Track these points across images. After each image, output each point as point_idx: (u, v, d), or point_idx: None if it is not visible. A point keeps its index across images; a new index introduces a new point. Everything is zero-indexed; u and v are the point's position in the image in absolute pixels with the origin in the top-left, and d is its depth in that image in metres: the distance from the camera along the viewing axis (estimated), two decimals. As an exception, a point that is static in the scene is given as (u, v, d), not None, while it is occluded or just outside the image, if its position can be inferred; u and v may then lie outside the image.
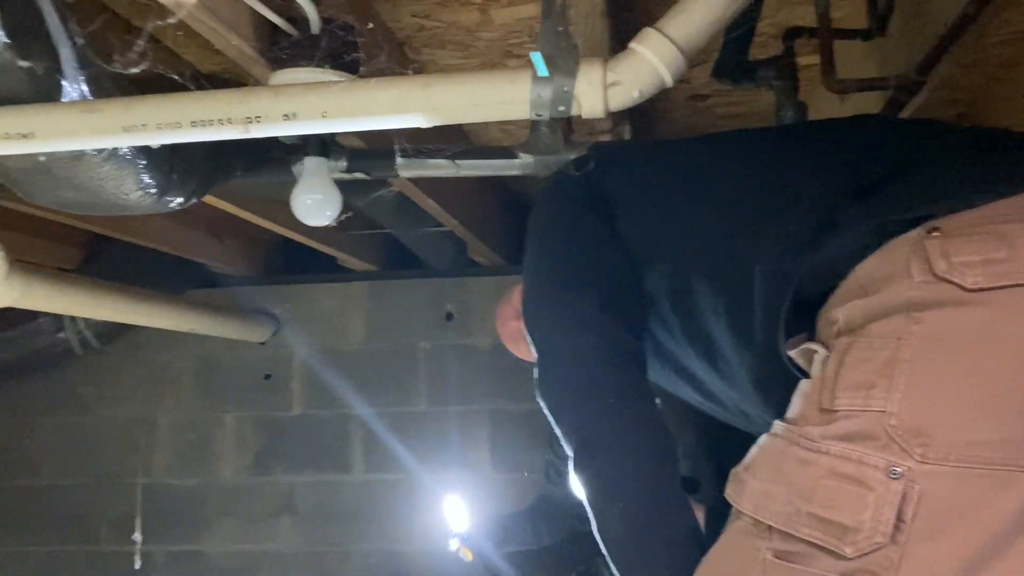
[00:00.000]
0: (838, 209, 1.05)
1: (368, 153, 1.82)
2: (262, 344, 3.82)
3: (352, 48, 1.50)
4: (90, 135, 1.25)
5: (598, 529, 1.24)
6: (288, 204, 1.78)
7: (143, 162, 1.49)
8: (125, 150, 1.43)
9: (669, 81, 1.23)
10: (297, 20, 1.49)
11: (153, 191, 1.57)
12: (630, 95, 1.23)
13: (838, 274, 1.04)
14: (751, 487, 1.02)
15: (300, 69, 1.45)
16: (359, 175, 1.79)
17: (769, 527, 0.97)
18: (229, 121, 1.23)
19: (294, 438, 3.78)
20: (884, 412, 0.91)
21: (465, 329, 3.73)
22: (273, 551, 3.73)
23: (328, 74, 1.46)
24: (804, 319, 1.08)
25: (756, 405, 1.21)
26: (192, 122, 1.23)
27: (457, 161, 1.78)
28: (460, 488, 3.61)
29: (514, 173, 1.96)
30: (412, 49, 2.02)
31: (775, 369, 1.07)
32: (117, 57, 1.39)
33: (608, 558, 1.23)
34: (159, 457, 3.85)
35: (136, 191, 1.53)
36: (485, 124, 2.58)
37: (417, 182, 2.40)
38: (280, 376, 3.82)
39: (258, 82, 1.58)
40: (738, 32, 1.83)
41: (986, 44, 2.10)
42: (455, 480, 3.63)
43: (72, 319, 3.52)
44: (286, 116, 1.22)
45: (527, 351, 1.42)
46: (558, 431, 1.29)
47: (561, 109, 1.23)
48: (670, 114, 2.63)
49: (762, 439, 1.06)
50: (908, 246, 0.97)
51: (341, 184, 1.83)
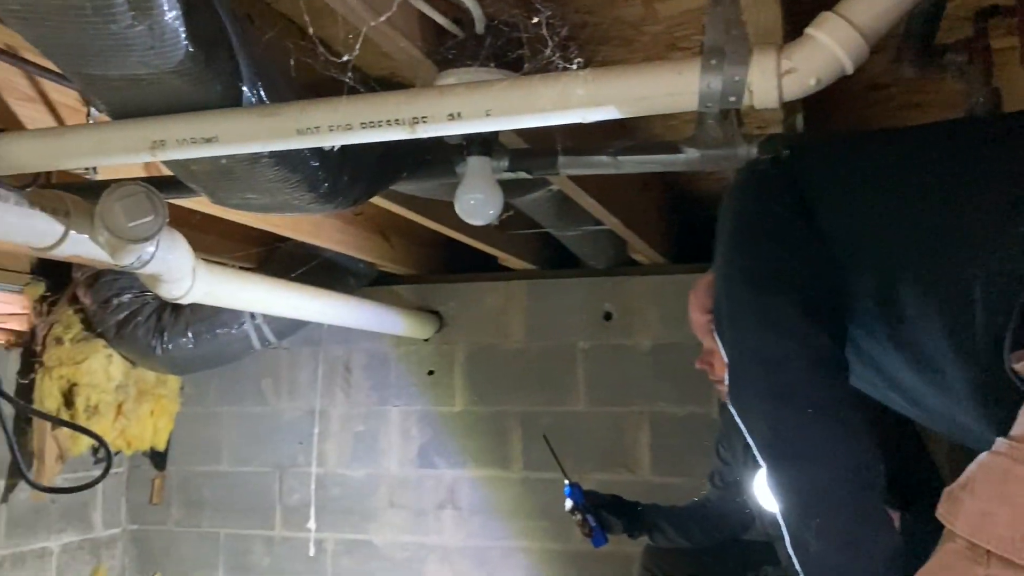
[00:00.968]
0: None
1: (530, 152, 1.82)
2: (426, 341, 3.92)
3: (516, 46, 1.50)
4: (267, 138, 1.30)
5: (791, 543, 1.18)
6: (451, 204, 1.80)
7: (316, 164, 1.54)
8: (300, 152, 1.49)
9: (849, 68, 1.15)
10: (462, 20, 1.51)
11: (325, 192, 1.63)
12: (806, 83, 1.16)
13: None
14: (968, 507, 0.93)
15: (465, 69, 1.47)
16: (521, 174, 1.79)
17: (988, 552, 0.88)
18: (397, 122, 1.25)
19: (456, 433, 3.86)
20: None
21: (624, 329, 3.69)
22: (438, 544, 3.82)
23: (493, 73, 1.46)
24: None
25: (974, 418, 1.11)
26: (362, 123, 1.26)
27: (619, 158, 1.75)
28: (617, 491, 3.58)
29: (678, 169, 1.91)
30: (576, 45, 2.01)
31: (998, 383, 0.98)
32: (291, 63, 1.45)
33: (803, 573, 1.17)
34: (331, 448, 4.02)
35: (309, 192, 1.59)
36: (648, 119, 2.53)
37: (577, 180, 2.38)
38: (443, 372, 3.90)
39: (424, 84, 1.60)
40: (924, 14, 1.70)
41: None
42: (611, 483, 3.59)
43: (252, 315, 3.73)
44: (451, 116, 1.23)
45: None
46: (750, 440, 1.24)
47: (732, 100, 1.18)
48: (844, 104, 2.50)
49: (982, 457, 0.96)
50: None
51: (502, 183, 1.84)
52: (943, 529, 0.96)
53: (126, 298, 3.71)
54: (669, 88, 1.17)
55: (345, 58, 1.31)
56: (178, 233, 2.10)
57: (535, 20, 1.43)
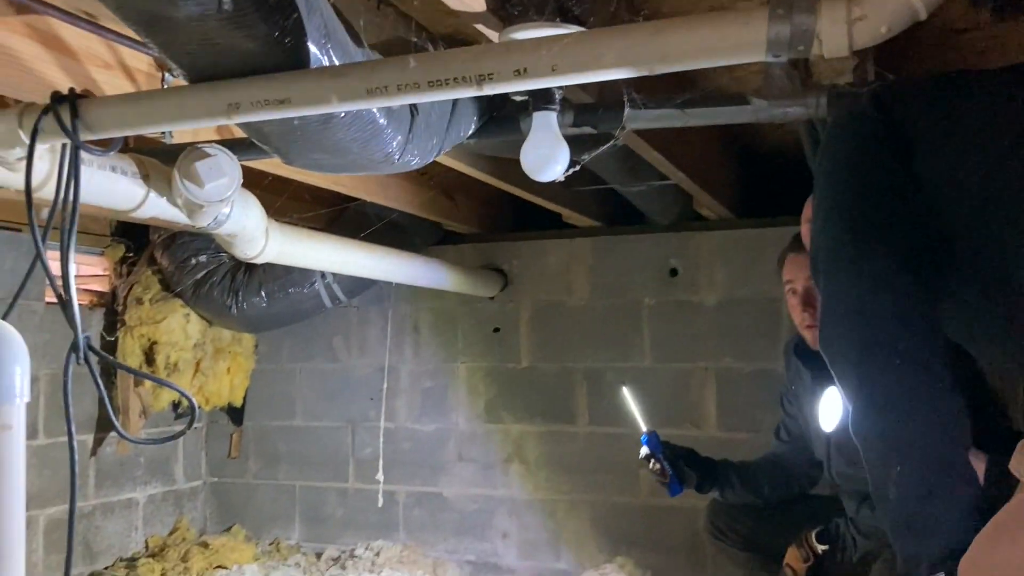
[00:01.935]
0: None
1: (595, 106, 1.82)
2: (491, 299, 3.96)
3: (581, 0, 1.49)
4: (338, 99, 1.33)
5: (873, 489, 1.19)
6: (516, 161, 1.82)
7: (384, 123, 1.57)
8: (369, 112, 1.52)
9: (923, 14, 1.13)
10: (527, -25, 1.50)
11: (394, 151, 1.66)
12: (878, 30, 1.14)
13: None
14: None
15: (530, 24, 1.47)
16: (586, 129, 1.79)
17: None
18: (464, 80, 1.26)
19: (521, 389, 3.90)
20: None
21: (691, 285, 3.67)
22: (506, 496, 3.89)
23: (558, 27, 1.46)
24: None
25: None
26: (429, 82, 1.27)
27: (686, 111, 1.74)
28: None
29: (746, 121, 1.89)
30: (640, -3, 1.99)
31: None
32: (360, 24, 1.47)
33: (886, 520, 1.18)
34: (400, 404, 4.11)
35: (379, 151, 1.62)
36: (714, 70, 2.49)
37: (642, 134, 2.37)
38: (508, 329, 3.94)
39: (490, 41, 1.61)
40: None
41: None
42: (677, 439, 3.60)
43: (322, 275, 3.81)
44: (517, 72, 1.24)
45: None
46: (838, 386, 1.25)
47: (800, 49, 1.16)
48: (918, 52, 2.42)
49: None
50: None
51: (567, 138, 1.84)
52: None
53: (202, 259, 3.82)
54: (736, 38, 1.16)
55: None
56: (251, 194, 2.16)
57: (600, -27, 1.43)
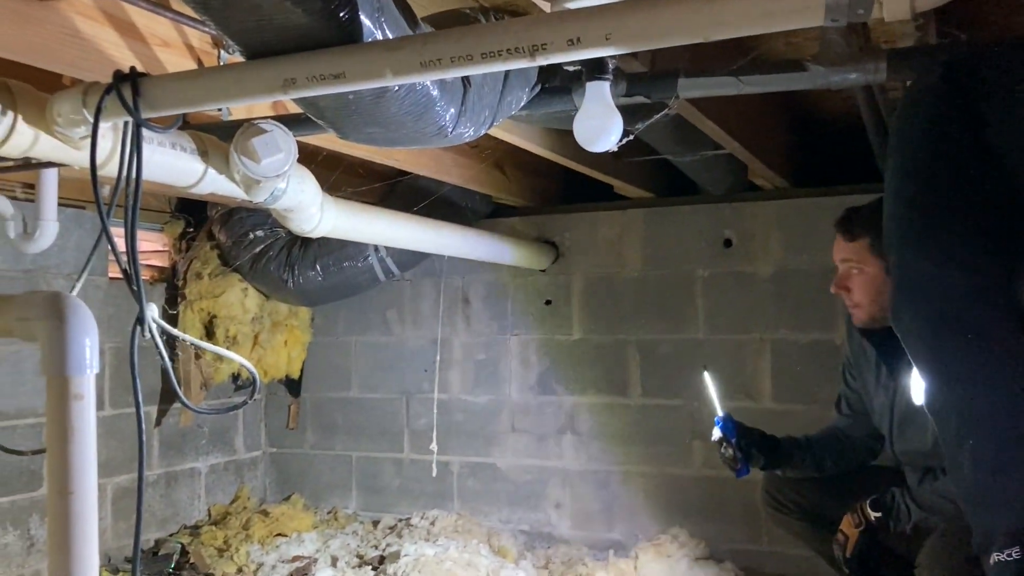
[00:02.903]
0: None
1: (649, 75, 1.80)
2: (543, 271, 3.97)
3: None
4: (392, 72, 1.34)
5: (948, 463, 1.18)
6: (568, 132, 1.81)
7: (437, 95, 1.58)
8: (423, 85, 1.52)
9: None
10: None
11: (447, 124, 1.66)
12: (941, -9, 1.11)
13: None
14: None
15: (582, -7, 1.45)
16: (639, 98, 1.77)
17: None
18: (517, 51, 1.26)
19: (574, 361, 3.91)
20: None
21: (745, 256, 3.63)
22: (559, 467, 3.92)
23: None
24: None
25: None
26: (482, 54, 1.27)
27: (741, 78, 1.71)
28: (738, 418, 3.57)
29: (802, 87, 1.86)
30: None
31: None
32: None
33: (959, 493, 1.17)
34: (453, 375, 4.15)
35: (432, 124, 1.63)
36: (769, 36, 2.45)
37: (696, 103, 2.34)
38: (560, 302, 3.95)
39: (542, 11, 1.60)
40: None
41: None
42: (732, 411, 3.59)
43: (376, 248, 3.85)
44: (571, 42, 1.23)
45: None
46: (912, 360, 1.24)
47: (860, 13, 1.14)
48: (983, 15, 2.35)
49: None
50: None
51: (620, 108, 1.83)
52: None
53: (258, 234, 3.89)
54: (793, 3, 1.14)
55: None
56: (306, 169, 2.19)
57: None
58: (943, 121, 1.29)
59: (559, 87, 1.92)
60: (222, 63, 2.14)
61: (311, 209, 2.31)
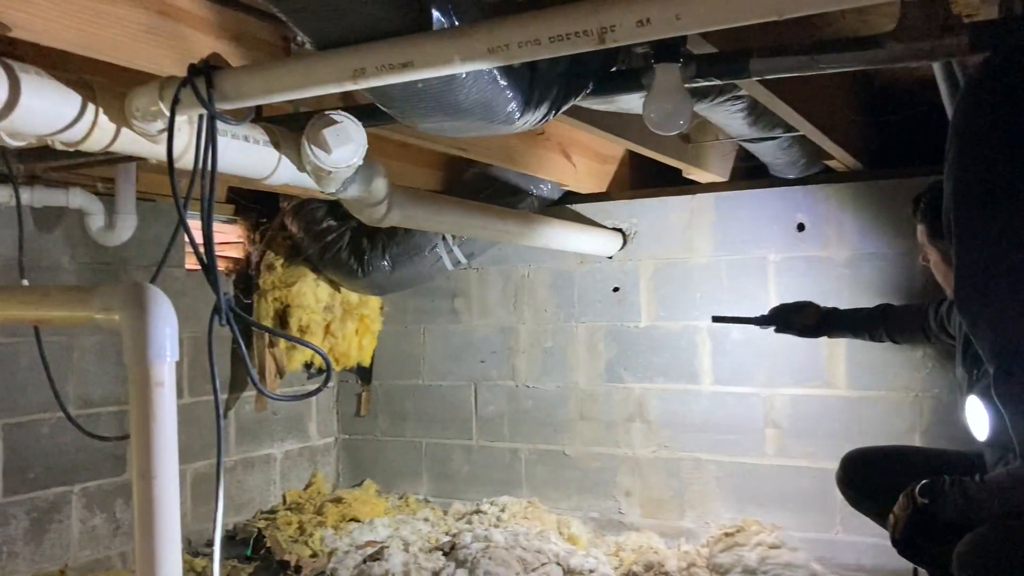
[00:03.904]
0: None
1: (719, 56, 1.76)
2: (610, 258, 3.94)
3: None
4: (460, 59, 1.34)
5: (1020, 451, 1.15)
6: (634, 117, 1.79)
7: (505, 82, 1.57)
8: (490, 71, 1.52)
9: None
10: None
11: (514, 111, 1.66)
12: (1031, -42, 1.06)
13: None
14: None
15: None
16: (710, 80, 1.74)
17: None
18: (585, 34, 1.24)
19: (642, 348, 3.88)
20: None
21: (819, 240, 3.55)
22: (629, 455, 3.90)
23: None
24: None
25: None
26: (550, 38, 1.26)
27: (816, 57, 1.67)
28: (811, 406, 3.51)
29: (879, 65, 1.80)
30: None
31: None
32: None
33: None
34: (521, 363, 4.16)
35: (499, 111, 1.62)
36: (841, 14, 2.38)
37: (768, 84, 2.28)
38: (628, 288, 3.92)
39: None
40: None
41: None
42: (807, 398, 3.52)
43: (443, 238, 3.87)
44: (640, 23, 1.21)
45: None
46: (977, 346, 1.21)
47: (943, -17, 1.10)
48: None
49: None
50: None
51: (689, 90, 1.80)
52: None
53: (328, 224, 3.95)
54: (873, -24, 1.11)
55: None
56: (375, 160, 2.20)
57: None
58: (1010, 106, 1.24)
59: (626, 71, 1.89)
60: (292, 56, 2.17)
61: (381, 199, 2.34)
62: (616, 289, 3.95)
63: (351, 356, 4.31)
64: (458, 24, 1.42)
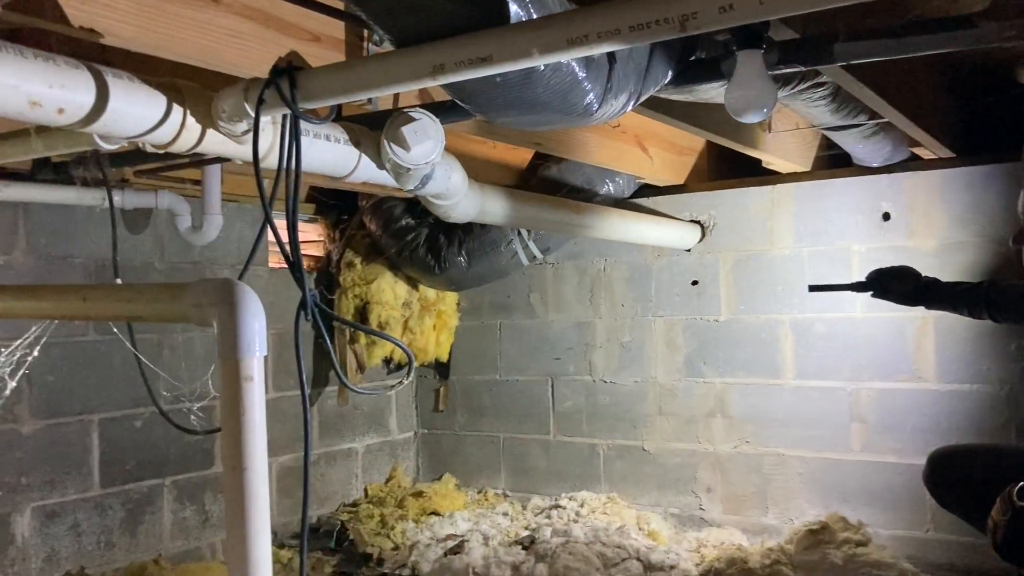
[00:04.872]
0: None
1: (803, 42, 1.72)
2: (688, 251, 3.89)
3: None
4: (539, 52, 1.33)
5: None
6: (711, 107, 1.76)
7: (583, 74, 1.56)
8: (568, 63, 1.51)
9: None
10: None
11: (593, 102, 1.64)
12: None
13: None
14: None
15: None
16: (794, 67, 1.70)
17: None
18: (666, 21, 1.22)
19: (723, 342, 3.82)
20: None
21: (905, 229, 3.44)
22: (709, 451, 3.85)
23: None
24: None
25: None
26: (630, 27, 1.24)
27: (904, 39, 1.61)
28: (899, 400, 3.41)
29: (971, 47, 1.73)
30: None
31: None
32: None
33: None
34: (598, 358, 4.14)
35: (578, 104, 1.61)
36: (930, -5, 2.30)
37: (851, 69, 2.22)
38: (707, 282, 3.86)
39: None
40: None
41: None
42: (894, 392, 3.42)
43: (518, 232, 3.88)
44: (722, 9, 1.19)
45: None
46: None
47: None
48: None
49: None
50: None
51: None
52: None
53: (406, 222, 4.00)
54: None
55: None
56: (453, 156, 2.22)
57: None
58: None
59: (706, 59, 1.86)
60: (369, 55, 2.19)
61: (458, 195, 2.35)
62: (695, 282, 3.90)
63: (429, 352, 4.35)
64: (535, 16, 1.42)
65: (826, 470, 3.57)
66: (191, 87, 1.65)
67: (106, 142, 1.89)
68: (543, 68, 1.48)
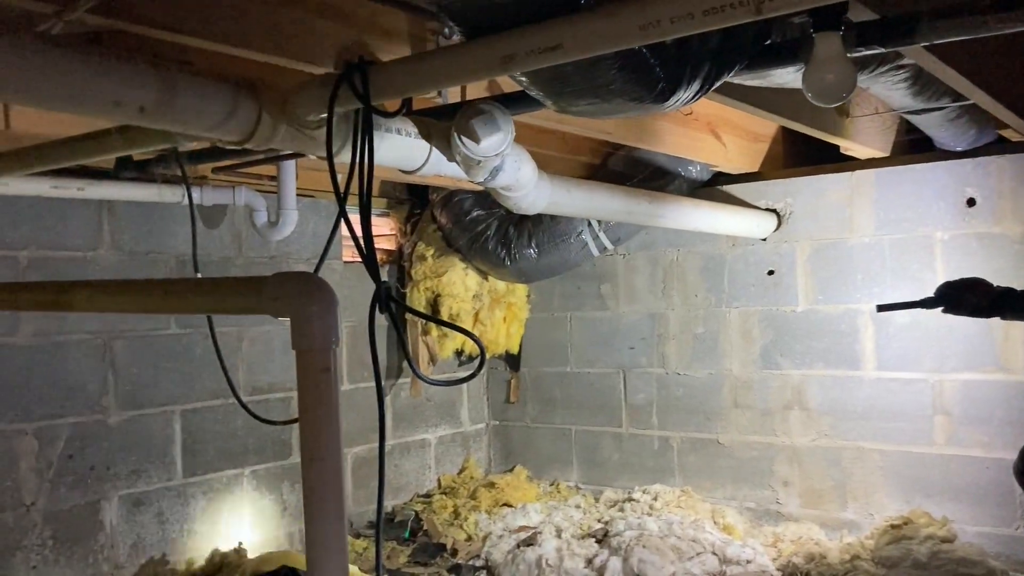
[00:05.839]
0: None
1: (884, 22, 1.66)
2: (763, 240, 3.81)
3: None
4: (611, 39, 1.31)
5: None
6: (786, 93, 1.71)
7: (654, 61, 1.54)
8: (639, 51, 1.49)
9: None
10: None
11: (663, 90, 1.62)
12: None
13: None
14: None
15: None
16: (874, 48, 1.64)
17: None
18: (741, 4, 1.20)
19: (800, 333, 3.74)
20: None
21: (992, 215, 3.31)
22: (786, 444, 3.77)
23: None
24: None
25: None
26: (704, 11, 1.22)
27: (993, 16, 1.54)
28: (985, 392, 3.28)
29: (1066, 21, 1.65)
30: None
31: None
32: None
33: None
34: (671, 350, 4.09)
35: (650, 91, 1.59)
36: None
37: (934, 50, 2.14)
38: (783, 271, 3.78)
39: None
40: None
41: None
42: (980, 383, 3.30)
43: (588, 224, 3.85)
44: (799, -12, 1.16)
45: None
46: None
47: None
48: None
49: None
50: None
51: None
52: None
53: (476, 215, 4.01)
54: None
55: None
56: (522, 147, 2.21)
57: None
58: None
59: (782, 43, 1.81)
60: (439, 47, 2.20)
61: (528, 186, 2.34)
62: (771, 272, 3.82)
63: (499, 343, 4.36)
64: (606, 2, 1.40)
65: (908, 464, 3.47)
66: (266, 83, 1.68)
67: (186, 139, 1.94)
68: (615, 55, 1.46)
